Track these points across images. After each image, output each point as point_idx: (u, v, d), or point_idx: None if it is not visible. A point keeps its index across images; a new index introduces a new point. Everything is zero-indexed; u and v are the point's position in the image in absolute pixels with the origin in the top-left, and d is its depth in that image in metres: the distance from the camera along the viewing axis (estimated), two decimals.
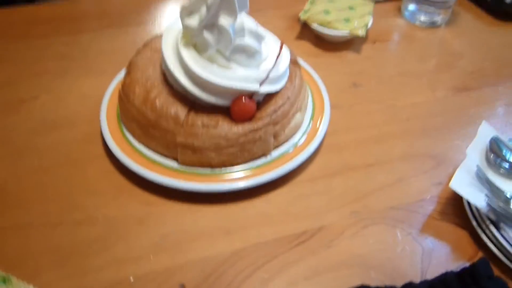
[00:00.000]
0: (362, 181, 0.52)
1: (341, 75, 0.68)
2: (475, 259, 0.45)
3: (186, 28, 0.48)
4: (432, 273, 0.44)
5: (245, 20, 0.49)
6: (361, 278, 0.43)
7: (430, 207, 0.50)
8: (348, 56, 0.72)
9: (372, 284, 0.41)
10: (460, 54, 0.73)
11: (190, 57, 0.48)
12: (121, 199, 0.50)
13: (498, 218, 0.45)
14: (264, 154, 0.51)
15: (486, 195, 0.45)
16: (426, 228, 0.48)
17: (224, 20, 0.46)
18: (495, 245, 0.45)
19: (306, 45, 0.73)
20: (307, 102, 0.57)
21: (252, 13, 0.79)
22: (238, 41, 0.48)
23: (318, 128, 0.54)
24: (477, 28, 0.80)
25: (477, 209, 0.46)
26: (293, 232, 0.47)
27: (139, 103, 0.50)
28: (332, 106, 0.61)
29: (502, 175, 0.50)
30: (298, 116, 0.54)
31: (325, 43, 0.73)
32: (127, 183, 0.51)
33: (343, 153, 0.56)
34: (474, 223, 0.47)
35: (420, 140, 0.58)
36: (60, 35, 0.74)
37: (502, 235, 0.44)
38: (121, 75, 0.61)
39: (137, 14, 0.80)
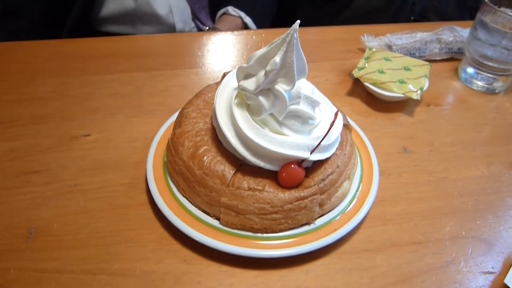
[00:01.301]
0: (407, 261, 0.50)
1: (392, 139, 0.66)
2: None
3: (241, 90, 0.48)
4: None
5: (302, 85, 0.48)
6: None
7: None
8: (400, 118, 0.70)
9: None
10: None
11: (242, 118, 0.48)
12: (159, 252, 0.50)
13: None
14: (308, 223, 0.50)
15: None
16: None
17: (281, 87, 0.45)
18: None
19: (357, 103, 0.72)
20: (356, 170, 0.55)
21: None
22: (293, 107, 0.47)
23: (366, 199, 0.53)
24: None
25: None
26: None
27: (187, 157, 0.50)
28: (381, 173, 0.59)
29: None
30: (345, 184, 0.52)
31: (377, 102, 0.72)
32: (167, 235, 0.51)
33: (389, 226, 0.54)
34: None
35: (472, 221, 0.55)
36: (117, 72, 0.76)
37: None
38: (172, 119, 0.61)
39: (192, 57, 0.81)
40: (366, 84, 0.71)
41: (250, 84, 0.47)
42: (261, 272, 0.48)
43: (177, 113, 0.59)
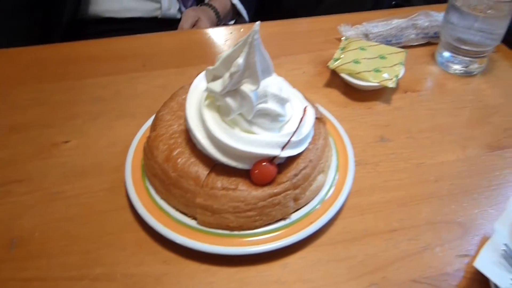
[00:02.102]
0: (384, 248, 0.51)
1: (369, 128, 0.67)
2: None
3: (209, 92, 0.48)
4: None
5: (270, 83, 0.49)
6: None
7: (453, 282, 0.48)
8: (378, 106, 0.71)
9: None
10: (495, 107, 0.71)
11: (212, 119, 0.49)
12: (140, 255, 0.51)
13: None
14: (283, 218, 0.51)
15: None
16: None
17: (247, 88, 0.46)
18: None
19: (335, 94, 0.73)
20: (331, 163, 0.56)
21: (283, 57, 0.80)
22: (261, 106, 0.48)
23: (341, 191, 0.53)
24: None
25: None
26: None
27: (162, 160, 0.51)
28: (358, 163, 0.60)
29: None
30: (320, 178, 0.53)
31: (354, 92, 0.73)
32: (147, 237, 0.52)
33: (366, 215, 0.55)
34: None
35: (447, 205, 0.56)
36: (97, 76, 0.77)
37: None
38: (150, 121, 0.62)
39: (171, 57, 0.81)
40: (342, 75, 0.71)
41: (217, 86, 0.47)
42: (240, 269, 0.49)
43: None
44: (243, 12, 1.16)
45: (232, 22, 1.22)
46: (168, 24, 1.11)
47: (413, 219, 0.54)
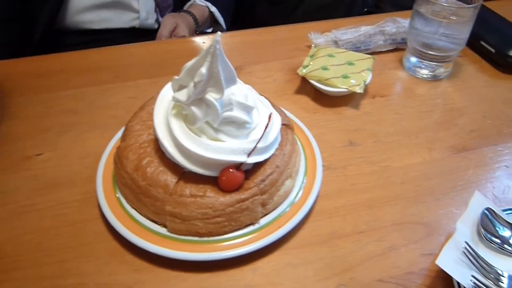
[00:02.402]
0: (351, 250, 0.52)
1: (338, 133, 0.68)
2: None
3: (175, 101, 0.49)
4: None
5: (235, 92, 0.50)
6: None
7: (418, 281, 0.50)
8: (347, 112, 0.72)
9: None
10: (461, 110, 0.73)
11: (179, 128, 0.50)
12: (112, 264, 0.51)
13: None
14: (252, 223, 0.52)
15: (473, 275, 0.45)
16: None
17: (211, 96, 0.47)
18: None
19: (305, 100, 0.74)
20: (299, 168, 0.58)
21: (255, 65, 0.82)
22: (226, 114, 0.49)
23: (309, 195, 0.55)
24: (480, 81, 0.80)
25: None
26: None
27: (131, 170, 0.52)
28: (327, 167, 0.62)
29: (494, 250, 0.50)
30: (287, 183, 0.54)
31: (324, 98, 0.74)
32: (119, 247, 0.53)
33: (334, 218, 0.56)
34: None
35: (413, 206, 0.57)
36: (69, 88, 0.77)
37: None
38: (121, 132, 0.63)
39: (143, 67, 0.82)
40: (312, 81, 0.73)
41: (182, 95, 0.48)
42: (211, 274, 0.50)
43: None
44: (221, 19, 1.18)
45: (210, 30, 1.24)
46: (145, 34, 1.12)
47: (380, 221, 0.56)
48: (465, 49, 0.86)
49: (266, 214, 0.53)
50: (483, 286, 0.44)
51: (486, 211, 0.51)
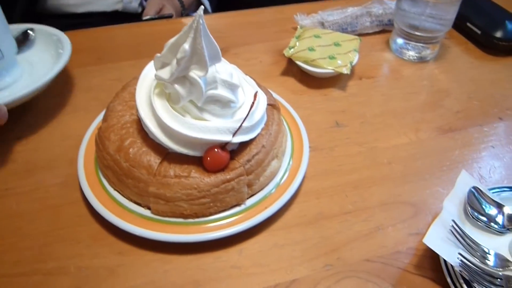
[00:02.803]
0: (338, 230, 0.52)
1: (325, 114, 0.67)
2: None
3: (158, 79, 0.48)
4: None
5: (220, 70, 0.49)
6: None
7: (405, 260, 0.49)
8: (333, 93, 0.71)
9: None
10: (447, 91, 0.73)
11: (162, 107, 0.48)
12: (94, 247, 0.50)
13: (471, 277, 0.44)
14: (238, 204, 0.51)
15: (460, 253, 0.45)
16: (400, 283, 0.47)
17: (195, 74, 0.46)
18: None
19: (291, 82, 0.73)
20: (285, 148, 0.57)
21: (240, 47, 0.80)
22: (211, 92, 0.48)
23: (295, 176, 0.54)
24: (466, 63, 0.80)
25: (453, 266, 0.45)
26: (264, 285, 0.47)
27: (114, 151, 0.50)
28: (313, 148, 0.61)
29: (480, 228, 0.50)
30: (274, 163, 0.53)
31: (311, 79, 0.73)
32: (101, 230, 0.51)
33: (321, 199, 0.55)
34: (449, 280, 0.46)
35: (400, 186, 0.57)
36: None
37: None
38: (103, 114, 0.61)
39: (126, 49, 0.80)
40: (298, 62, 0.72)
41: (165, 73, 0.47)
42: (196, 256, 0.49)
43: None
44: (206, 2, 1.15)
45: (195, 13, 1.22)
46: (129, 18, 1.09)
47: (367, 201, 0.55)
48: (451, 31, 0.86)
49: (252, 195, 0.52)
50: (469, 263, 0.44)
51: (472, 190, 0.51)
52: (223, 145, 0.49)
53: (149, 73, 0.53)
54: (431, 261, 0.49)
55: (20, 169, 0.58)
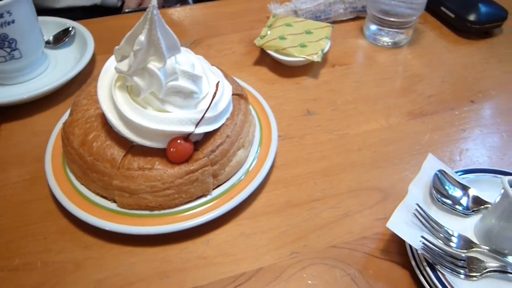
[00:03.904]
0: (306, 218, 0.52)
1: (296, 102, 0.67)
2: None
3: (118, 72, 0.48)
4: None
5: (180, 60, 0.49)
6: None
7: (372, 245, 0.49)
8: (305, 81, 0.71)
9: None
10: (420, 76, 0.73)
11: (123, 100, 0.48)
12: (61, 242, 0.50)
13: (434, 260, 0.44)
14: (204, 195, 0.51)
15: (422, 236, 0.45)
16: (366, 268, 0.47)
17: (153, 65, 0.45)
18: (431, 287, 0.44)
19: (263, 71, 0.73)
20: (252, 138, 0.57)
21: (213, 38, 0.80)
22: (171, 84, 0.47)
23: (263, 164, 0.54)
24: (440, 47, 0.79)
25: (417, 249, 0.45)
26: (230, 274, 0.47)
27: (78, 144, 0.50)
28: (284, 137, 0.61)
29: (446, 211, 0.50)
30: (240, 153, 0.53)
31: (283, 69, 0.73)
32: (69, 224, 0.51)
33: (290, 188, 0.55)
34: (413, 263, 0.46)
35: (369, 172, 0.57)
36: None
37: (437, 277, 0.43)
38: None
39: (101, 44, 0.79)
40: (269, 51, 0.71)
41: (124, 65, 0.47)
42: (162, 248, 0.49)
43: None
44: None
45: (178, 5, 1.20)
46: (108, 12, 1.08)
47: (335, 188, 0.55)
48: (426, 15, 0.86)
49: (218, 186, 0.52)
50: (432, 246, 0.44)
51: (438, 173, 0.51)
52: (186, 136, 0.48)
53: (111, 66, 0.52)
54: (397, 246, 0.49)
55: None
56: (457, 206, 0.50)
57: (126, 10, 1.02)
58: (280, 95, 0.68)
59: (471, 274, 0.44)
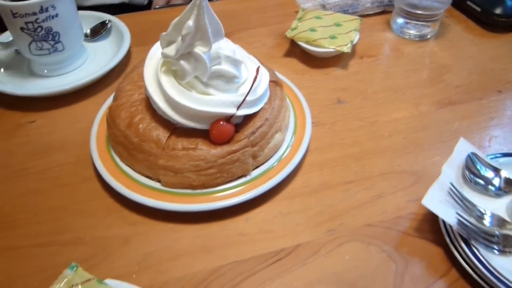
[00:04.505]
0: (340, 199, 0.54)
1: (327, 92, 0.69)
2: (448, 276, 0.46)
3: (164, 57, 0.50)
4: None
5: (223, 46, 0.51)
6: None
7: (406, 224, 0.51)
8: (335, 72, 0.73)
9: None
10: (447, 67, 0.74)
11: (169, 84, 0.50)
12: (108, 219, 0.52)
13: (468, 235, 0.45)
14: (243, 175, 0.53)
15: (457, 212, 0.46)
16: (401, 245, 0.49)
17: (199, 50, 0.48)
18: (466, 262, 0.46)
19: (294, 62, 0.75)
20: (288, 122, 0.59)
21: (243, 31, 0.82)
22: (215, 68, 0.50)
23: (299, 148, 0.56)
24: (466, 40, 0.81)
25: (451, 226, 0.47)
26: (270, 250, 0.49)
27: (124, 127, 0.53)
28: (316, 124, 0.63)
29: (478, 191, 0.51)
30: (277, 136, 0.55)
31: (313, 60, 0.75)
32: (115, 204, 0.54)
33: (324, 171, 0.57)
34: (447, 239, 0.47)
35: (401, 157, 0.59)
36: None
37: (472, 252, 0.45)
38: (111, 99, 0.63)
39: (135, 37, 0.83)
40: (300, 43, 0.74)
41: (171, 50, 0.49)
42: (204, 225, 0.52)
43: None
44: None
45: None
46: (136, 10, 1.11)
47: (368, 171, 0.57)
48: (451, 10, 0.87)
49: (257, 167, 0.54)
50: (467, 222, 0.46)
51: (471, 155, 0.52)
52: (228, 118, 0.51)
53: (156, 53, 0.55)
54: (430, 224, 0.51)
55: (35, 151, 0.61)
56: (489, 187, 0.51)
57: (156, 7, 1.05)
58: (311, 85, 0.70)
59: (505, 249, 0.45)
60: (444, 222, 0.48)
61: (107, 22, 0.80)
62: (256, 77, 0.52)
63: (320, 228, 0.51)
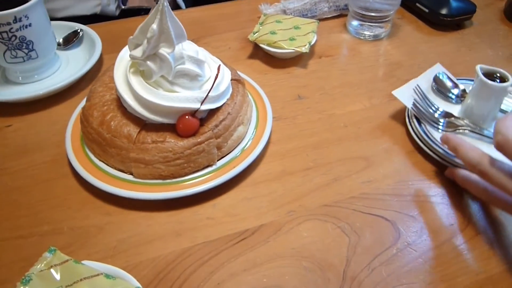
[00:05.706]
0: (300, 184, 0.59)
1: (288, 89, 0.75)
2: (396, 246, 0.52)
3: (132, 58, 0.55)
4: (356, 261, 0.50)
5: (186, 48, 0.56)
6: (294, 268, 0.50)
7: (359, 203, 0.56)
8: (295, 71, 0.79)
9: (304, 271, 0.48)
10: (399, 63, 0.81)
11: (137, 83, 0.55)
12: (84, 211, 0.56)
13: (419, 115, 0.62)
14: (209, 165, 0.58)
15: (414, 99, 0.62)
16: (354, 221, 0.54)
17: (164, 51, 0.53)
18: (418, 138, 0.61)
19: (257, 63, 0.81)
20: (250, 116, 0.64)
21: (210, 37, 0.87)
22: (179, 67, 0.55)
23: (260, 139, 0.61)
24: (416, 38, 0.88)
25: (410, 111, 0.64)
26: (236, 231, 0.54)
27: (97, 125, 0.57)
28: (278, 118, 0.68)
29: (440, 98, 0.67)
30: (240, 129, 0.60)
31: (274, 61, 0.80)
32: (90, 197, 0.58)
33: (285, 159, 0.62)
34: (407, 120, 0.59)
35: (355, 145, 0.64)
36: None
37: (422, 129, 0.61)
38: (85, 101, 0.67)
39: (108, 43, 0.87)
40: (262, 45, 0.79)
41: (138, 52, 0.54)
42: (175, 212, 0.56)
43: None
44: (180, 2, 1.21)
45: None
46: (108, 20, 1.15)
47: (325, 158, 0.62)
48: (403, 11, 0.94)
49: (222, 157, 0.59)
50: (420, 106, 0.63)
51: (440, 72, 0.68)
52: (193, 113, 0.55)
53: (124, 56, 0.59)
54: (381, 203, 0.56)
55: (12, 152, 0.64)
56: (449, 94, 0.66)
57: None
58: (273, 83, 0.76)
59: (447, 130, 0.62)
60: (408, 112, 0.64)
61: (79, 31, 0.84)
62: (217, 74, 0.57)
63: (281, 210, 0.56)
